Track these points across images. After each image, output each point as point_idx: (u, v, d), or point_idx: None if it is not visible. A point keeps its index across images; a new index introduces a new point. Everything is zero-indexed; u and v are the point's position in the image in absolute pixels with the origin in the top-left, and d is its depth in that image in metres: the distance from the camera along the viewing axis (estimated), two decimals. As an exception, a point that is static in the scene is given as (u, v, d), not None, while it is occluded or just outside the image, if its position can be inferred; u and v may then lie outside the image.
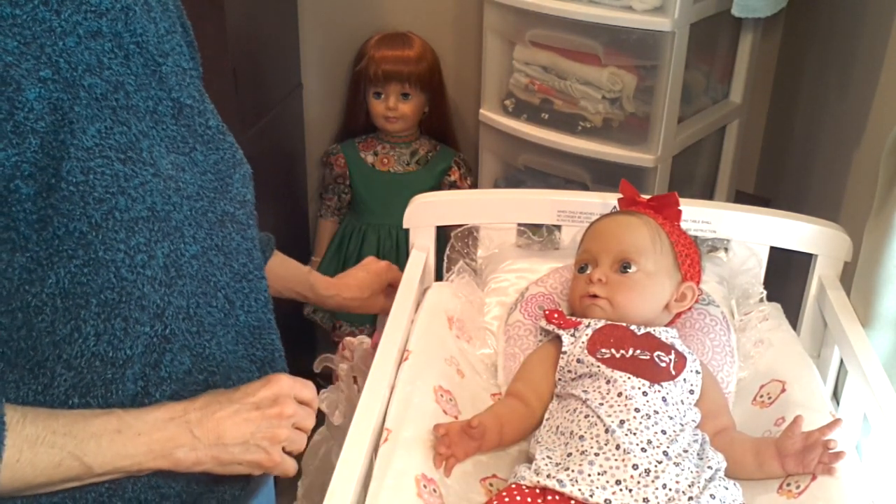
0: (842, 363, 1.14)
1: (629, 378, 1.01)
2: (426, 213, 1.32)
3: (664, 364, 1.04)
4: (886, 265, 1.08)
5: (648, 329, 1.09)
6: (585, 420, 0.98)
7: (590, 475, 0.92)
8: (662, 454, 0.94)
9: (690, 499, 0.90)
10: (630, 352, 1.05)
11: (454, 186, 2.22)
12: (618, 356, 1.04)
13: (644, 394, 0.99)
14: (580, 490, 0.90)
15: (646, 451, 0.94)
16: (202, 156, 0.89)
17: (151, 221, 0.79)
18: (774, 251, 1.28)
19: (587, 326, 1.10)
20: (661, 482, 0.91)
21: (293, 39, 2.22)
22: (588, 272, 1.15)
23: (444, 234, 1.36)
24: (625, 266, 1.12)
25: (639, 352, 1.05)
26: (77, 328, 0.76)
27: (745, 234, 1.28)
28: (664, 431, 0.96)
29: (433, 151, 2.25)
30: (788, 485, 0.96)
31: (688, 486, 0.91)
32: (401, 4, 2.24)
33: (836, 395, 1.17)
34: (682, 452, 0.95)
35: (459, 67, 2.25)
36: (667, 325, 1.14)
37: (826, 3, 1.85)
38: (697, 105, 1.95)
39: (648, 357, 1.04)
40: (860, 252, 1.15)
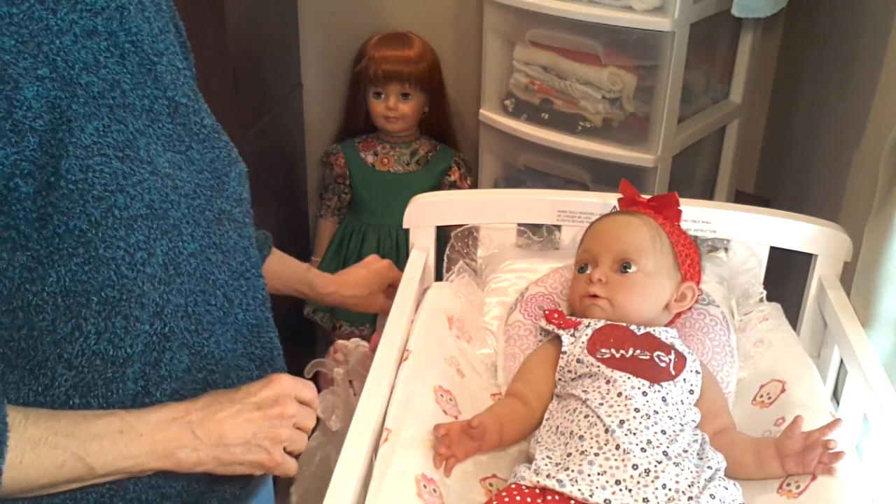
0: (842, 363, 1.14)
1: (629, 378, 1.01)
2: (426, 213, 1.32)
3: (664, 364, 1.04)
4: (886, 265, 1.08)
5: (648, 329, 1.09)
6: (585, 420, 0.98)
7: (589, 475, 0.92)
8: (662, 454, 0.94)
9: (690, 499, 0.90)
10: (630, 352, 1.05)
11: (454, 186, 2.22)
12: (618, 356, 1.05)
13: (644, 394, 0.99)
14: (580, 490, 0.90)
15: (645, 451, 0.94)
16: (198, 154, 0.89)
17: (150, 219, 0.79)
18: (774, 251, 1.28)
19: (587, 326, 1.10)
20: (661, 482, 0.91)
21: (293, 39, 2.22)
22: (588, 272, 1.15)
23: (444, 234, 1.36)
24: (625, 266, 1.12)
25: (639, 352, 1.05)
26: (78, 327, 0.76)
27: (745, 234, 1.28)
28: (664, 431, 0.96)
29: (433, 151, 2.25)
30: (788, 485, 0.96)
31: (687, 486, 0.91)
32: (401, 4, 2.24)
33: (836, 395, 1.17)
34: (682, 452, 0.95)
35: (459, 67, 2.25)
36: (667, 325, 1.14)
37: (826, 3, 1.85)
38: (697, 105, 1.95)
39: (648, 357, 1.04)
40: (860, 252, 1.15)
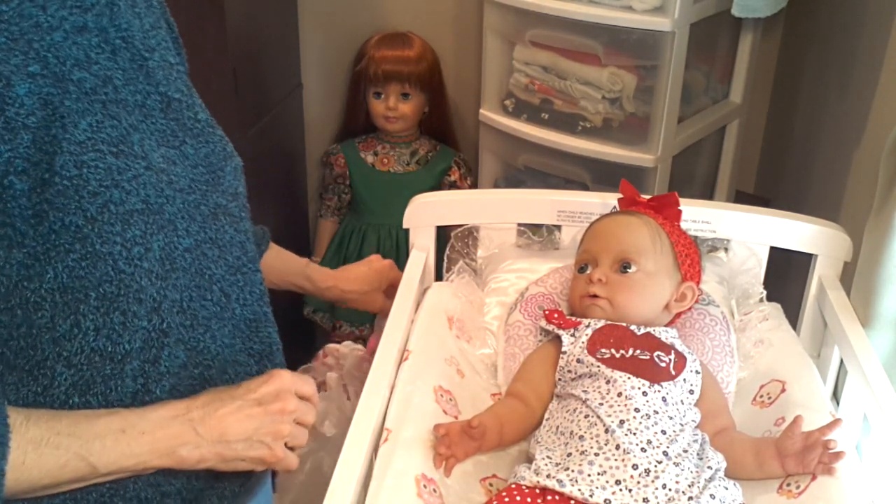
0: (842, 363, 1.14)
1: (629, 378, 1.01)
2: (426, 213, 1.32)
3: (664, 364, 1.04)
4: (886, 265, 1.08)
5: (648, 329, 1.09)
6: (585, 420, 0.98)
7: (589, 475, 0.92)
8: (662, 454, 0.94)
9: (690, 499, 0.90)
10: (630, 352, 1.05)
11: (454, 186, 2.22)
12: (618, 356, 1.04)
13: (644, 394, 0.99)
14: (580, 490, 0.90)
15: (646, 451, 0.93)
16: (192, 149, 0.89)
17: (146, 214, 0.79)
18: (774, 251, 1.28)
19: (587, 326, 1.10)
20: (661, 482, 0.91)
21: (293, 39, 2.22)
22: (588, 272, 1.15)
23: (444, 234, 1.36)
24: (625, 266, 1.12)
25: (639, 352, 1.05)
26: (77, 323, 0.76)
27: (745, 234, 1.28)
28: (664, 431, 0.96)
29: (433, 151, 2.24)
30: (788, 485, 0.95)
31: (688, 486, 0.91)
32: (401, 4, 2.24)
33: (836, 395, 1.17)
34: (682, 452, 0.95)
35: (459, 67, 2.25)
36: (667, 325, 1.14)
37: (826, 3, 1.85)
38: (697, 105, 1.95)
39: (648, 357, 1.04)
40: (860, 252, 1.15)
